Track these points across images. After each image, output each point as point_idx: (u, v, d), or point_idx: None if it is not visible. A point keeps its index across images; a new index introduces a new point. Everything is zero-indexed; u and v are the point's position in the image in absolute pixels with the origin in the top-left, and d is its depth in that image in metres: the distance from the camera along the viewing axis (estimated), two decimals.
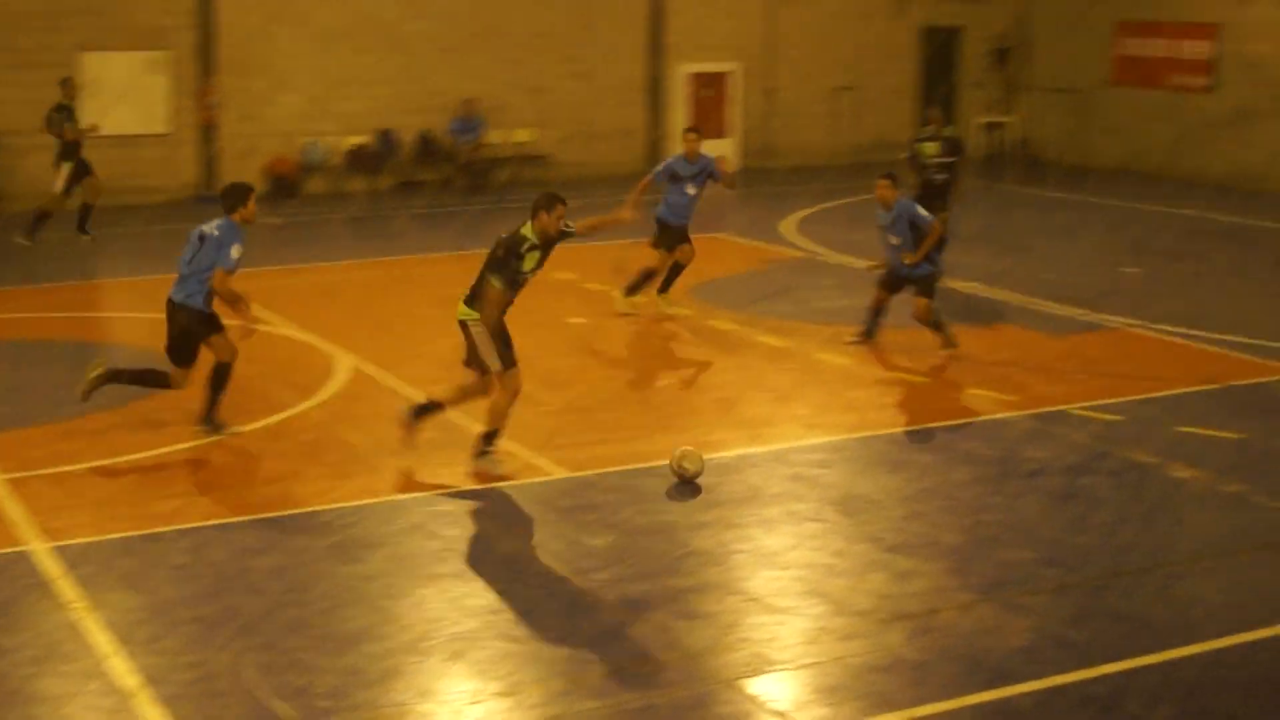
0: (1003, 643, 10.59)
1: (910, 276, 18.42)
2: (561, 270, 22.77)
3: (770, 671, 10.15)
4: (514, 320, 14.11)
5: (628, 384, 17.28)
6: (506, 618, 10.92)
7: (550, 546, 12.36)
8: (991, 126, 38.68)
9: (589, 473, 14.09)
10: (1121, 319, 20.33)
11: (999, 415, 16.12)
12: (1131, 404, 16.47)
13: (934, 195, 22.04)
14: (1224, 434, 15.46)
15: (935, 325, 18.31)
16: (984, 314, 20.75)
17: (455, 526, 12.75)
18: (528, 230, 13.87)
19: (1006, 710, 9.66)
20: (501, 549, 12.30)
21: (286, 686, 9.81)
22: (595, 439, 15.10)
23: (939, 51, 38.57)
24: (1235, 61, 34.40)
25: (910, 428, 15.69)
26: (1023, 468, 14.44)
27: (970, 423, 15.90)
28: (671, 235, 20.71)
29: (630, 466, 14.31)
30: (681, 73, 35.64)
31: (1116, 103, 37.12)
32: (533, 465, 14.29)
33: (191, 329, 14.93)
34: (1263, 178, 32.95)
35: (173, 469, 14.26)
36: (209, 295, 14.89)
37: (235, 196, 15.03)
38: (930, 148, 22.82)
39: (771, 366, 17.96)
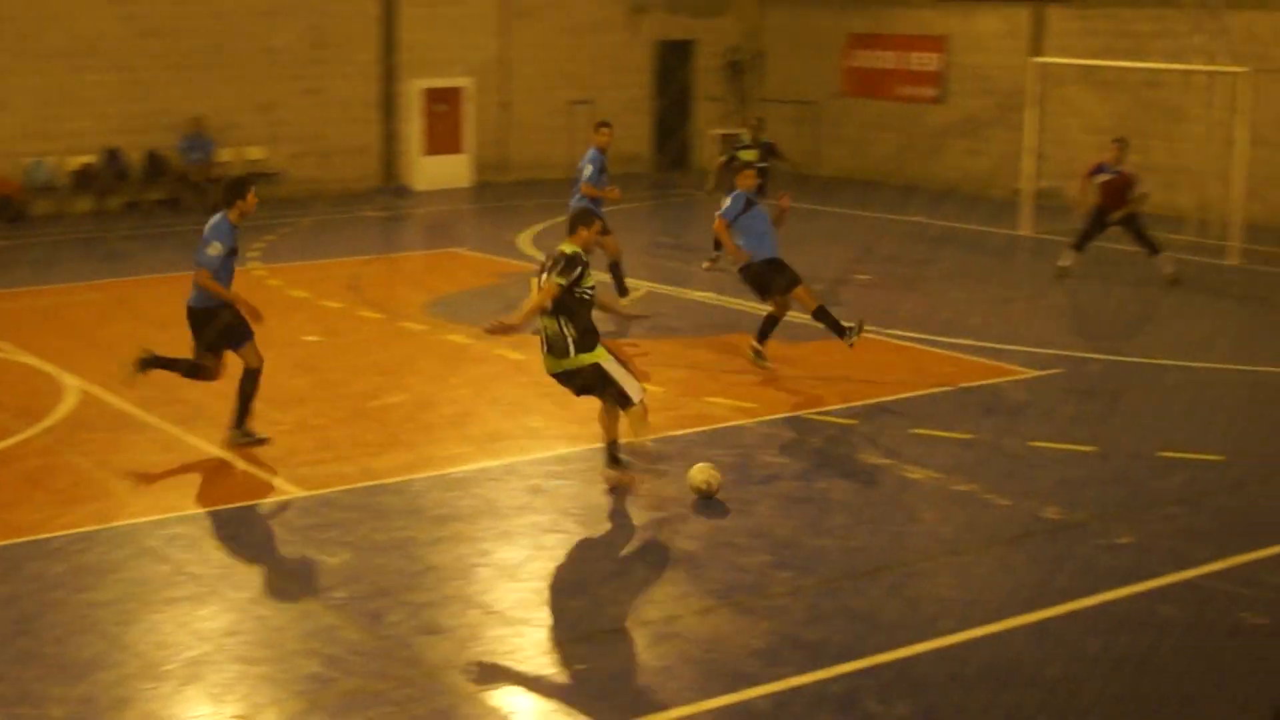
0: (741, 645, 10.67)
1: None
2: (296, 288, 22.58)
3: (511, 685, 10.10)
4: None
5: (362, 401, 17.09)
6: (242, 640, 10.74)
7: (286, 566, 12.20)
8: (726, 138, 39.05)
9: (324, 491, 13.92)
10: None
11: (736, 422, 16.26)
12: (865, 408, 16.73)
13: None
14: (954, 434, 15.77)
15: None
16: (721, 323, 20.94)
17: (189, 550, 12.52)
18: (574, 249, 13.63)
19: (746, 712, 9.73)
20: (236, 571, 12.09)
21: (16, 719, 9.54)
22: (330, 457, 14.94)
23: (673, 64, 38.85)
24: (963, 72, 35.17)
25: (651, 437, 15.60)
26: (759, 473, 14.59)
27: (707, 430, 15.98)
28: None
29: (366, 484, 14.17)
30: (415, 88, 35.43)
31: (848, 113, 37.75)
32: (267, 484, 14.10)
33: (199, 326, 15.06)
34: (989, 184, 33.70)
35: None
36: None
37: (232, 191, 15.07)
38: (749, 154, 24.35)
39: (506, 380, 17.90)
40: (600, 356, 13.60)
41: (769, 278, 18.19)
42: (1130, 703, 9.94)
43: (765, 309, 18.46)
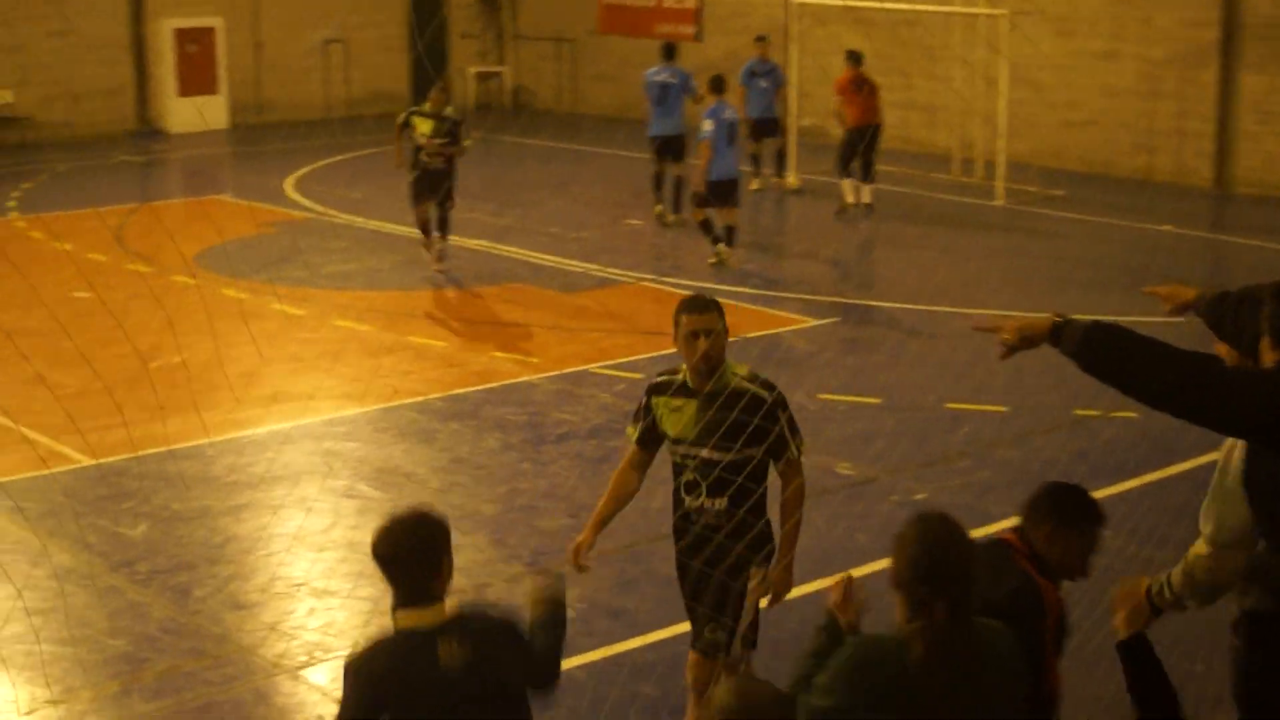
0: None
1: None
2: (59, 240, 22.01)
3: (330, 660, 10.04)
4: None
5: (142, 361, 16.71)
6: (49, 620, 10.52)
7: (86, 540, 11.96)
8: (484, 77, 38.91)
9: (116, 458, 13.65)
10: (632, 273, 20.66)
11: (524, 378, 16.24)
12: (652, 360, 16.72)
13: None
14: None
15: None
16: (496, 273, 20.87)
17: None
18: None
19: (565, 683, 9.75)
20: (31, 547, 11.76)
21: None
22: (117, 421, 14.54)
23: (427, 2, 38.52)
24: (720, 10, 35.34)
25: (438, 395, 15.66)
26: (552, 432, 14.61)
27: (496, 387, 15.96)
28: None
29: (156, 450, 13.89)
30: (165, 28, 34.67)
31: (606, 51, 37.73)
32: (56, 453, 13.83)
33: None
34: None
35: None
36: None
37: (720, 82, 22.10)
38: (424, 124, 22.71)
39: (289, 336, 17.64)
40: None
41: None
42: None
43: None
